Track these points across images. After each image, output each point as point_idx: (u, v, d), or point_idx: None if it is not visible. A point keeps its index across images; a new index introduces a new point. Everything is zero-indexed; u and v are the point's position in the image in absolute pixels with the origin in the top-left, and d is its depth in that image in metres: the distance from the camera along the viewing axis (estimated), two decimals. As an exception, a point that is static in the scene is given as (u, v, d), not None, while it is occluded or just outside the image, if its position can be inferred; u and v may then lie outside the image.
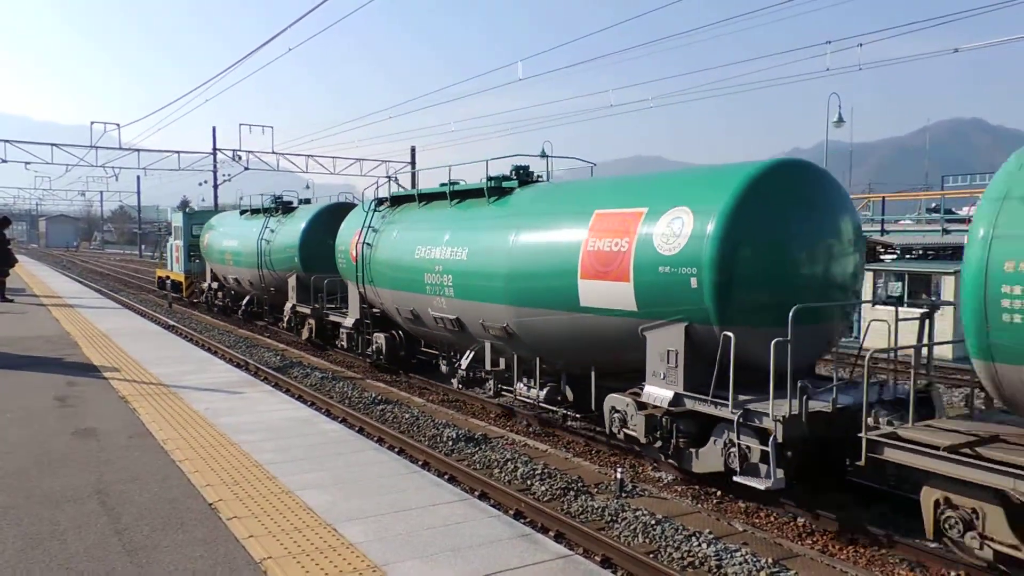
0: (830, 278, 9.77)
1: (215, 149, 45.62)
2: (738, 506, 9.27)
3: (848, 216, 10.06)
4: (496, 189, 13.65)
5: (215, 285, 30.13)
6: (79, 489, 6.69)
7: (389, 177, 18.57)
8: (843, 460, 9.08)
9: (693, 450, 9.52)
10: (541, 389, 12.51)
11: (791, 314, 8.22)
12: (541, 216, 12.18)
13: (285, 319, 23.04)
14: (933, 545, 7.62)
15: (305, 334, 21.70)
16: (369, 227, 16.80)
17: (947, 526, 7.20)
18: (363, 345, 18.29)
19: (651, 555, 7.56)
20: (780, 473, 8.27)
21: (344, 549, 5.46)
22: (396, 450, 11.04)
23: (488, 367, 13.43)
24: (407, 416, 13.32)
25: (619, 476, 9.60)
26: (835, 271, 9.82)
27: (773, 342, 8.14)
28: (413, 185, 35.20)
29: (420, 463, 10.51)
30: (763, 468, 8.47)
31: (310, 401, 14.35)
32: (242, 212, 27.92)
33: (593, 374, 11.33)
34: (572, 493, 9.38)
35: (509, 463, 10.53)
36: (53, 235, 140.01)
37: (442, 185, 15.05)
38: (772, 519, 8.90)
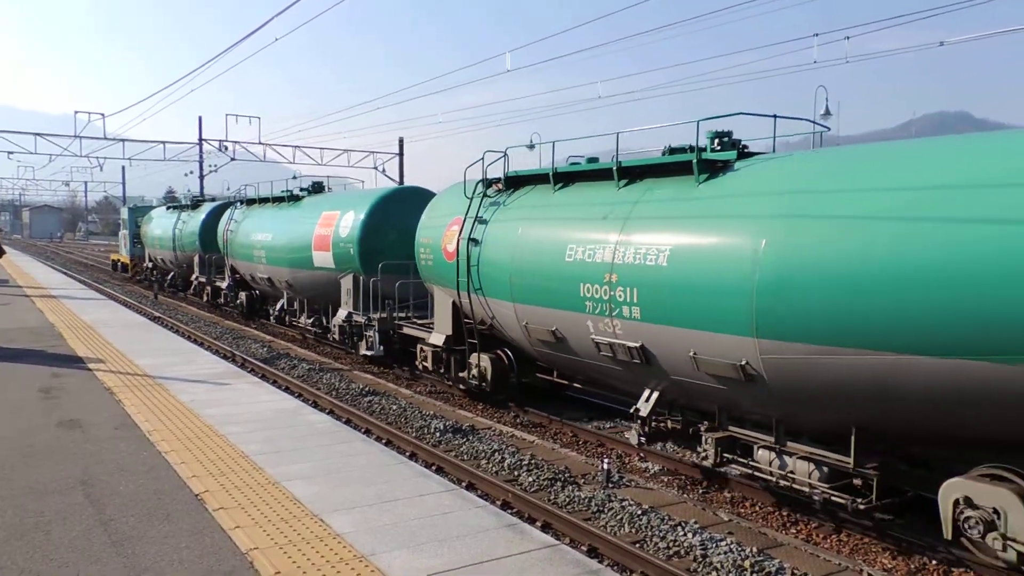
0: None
1: (201, 139, 45.14)
2: (723, 496, 9.34)
3: None
4: (292, 196, 21.93)
5: (151, 265, 37.75)
6: (64, 480, 6.66)
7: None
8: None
9: (360, 343, 17.14)
10: (309, 318, 20.64)
11: (379, 267, 16.18)
12: (306, 214, 20.04)
13: (192, 288, 30.68)
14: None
15: (204, 298, 29.08)
16: (253, 217, 23.62)
17: (420, 363, 14.90)
18: (233, 298, 25.66)
19: (637, 545, 7.61)
20: (382, 349, 16.40)
21: (331, 539, 5.48)
22: (383, 441, 11.04)
23: (285, 307, 22.01)
24: (395, 407, 13.32)
25: (606, 467, 9.65)
26: None
27: (371, 280, 16.42)
28: (400, 176, 37.37)
29: (407, 454, 10.52)
30: (376, 346, 16.36)
31: (297, 392, 14.31)
32: (168, 208, 35.51)
33: (331, 307, 19.04)
34: (559, 484, 9.42)
35: (496, 454, 10.56)
36: (37, 225, 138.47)
37: (284, 192, 22.49)
38: (757, 509, 8.97)
